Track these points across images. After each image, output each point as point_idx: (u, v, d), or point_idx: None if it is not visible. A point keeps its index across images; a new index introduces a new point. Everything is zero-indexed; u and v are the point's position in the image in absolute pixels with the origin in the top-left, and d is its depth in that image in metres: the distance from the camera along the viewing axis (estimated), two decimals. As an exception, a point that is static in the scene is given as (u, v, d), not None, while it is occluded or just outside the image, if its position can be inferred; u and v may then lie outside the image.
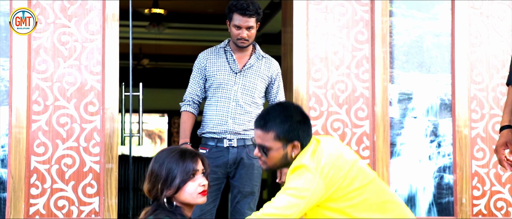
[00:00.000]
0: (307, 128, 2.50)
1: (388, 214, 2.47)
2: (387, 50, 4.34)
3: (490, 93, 4.45)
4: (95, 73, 4.03)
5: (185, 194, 2.35)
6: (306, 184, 2.37)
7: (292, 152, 2.47)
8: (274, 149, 2.46)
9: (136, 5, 4.34)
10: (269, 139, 2.45)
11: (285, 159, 2.48)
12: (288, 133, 2.44)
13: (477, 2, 4.47)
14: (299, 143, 2.47)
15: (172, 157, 2.36)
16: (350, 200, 2.43)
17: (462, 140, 4.37)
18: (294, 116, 2.46)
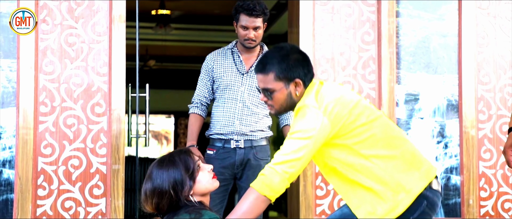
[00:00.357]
0: (307, 65, 2.51)
1: (395, 150, 2.45)
2: (394, 51, 4.33)
3: (497, 94, 4.43)
4: (102, 74, 4.04)
5: (201, 185, 2.43)
6: (311, 124, 2.37)
7: (295, 91, 2.48)
8: (277, 89, 2.47)
9: (142, 6, 4.35)
10: (270, 81, 2.47)
11: (290, 99, 2.49)
12: (287, 71, 2.46)
13: (484, 3, 4.45)
14: (301, 80, 2.48)
15: (167, 166, 2.41)
16: (357, 136, 2.42)
17: (469, 141, 4.36)
18: (291, 55, 2.48)
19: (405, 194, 2.41)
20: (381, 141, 2.45)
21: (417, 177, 2.44)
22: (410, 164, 2.45)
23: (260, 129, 3.69)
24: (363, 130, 2.43)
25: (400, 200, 2.41)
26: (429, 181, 2.45)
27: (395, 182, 2.41)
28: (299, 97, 2.49)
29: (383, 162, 2.43)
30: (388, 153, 2.44)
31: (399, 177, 2.42)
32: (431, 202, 2.45)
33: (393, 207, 2.40)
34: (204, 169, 2.46)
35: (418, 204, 2.42)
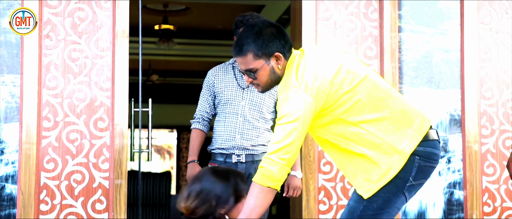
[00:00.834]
0: (282, 36, 2.50)
1: (384, 111, 2.45)
2: (396, 66, 4.33)
3: (500, 109, 4.43)
4: (105, 89, 4.05)
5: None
6: (295, 105, 2.38)
7: (277, 65, 2.48)
8: (259, 67, 2.47)
9: (146, 21, 4.37)
10: (250, 61, 2.47)
11: (274, 74, 2.50)
12: (264, 47, 2.46)
13: (486, 18, 4.46)
14: (280, 53, 2.48)
15: (221, 178, 2.46)
16: (342, 105, 2.43)
17: (472, 155, 4.35)
18: (264, 30, 2.47)
19: (398, 156, 2.40)
20: (368, 105, 2.44)
21: (409, 135, 2.42)
22: (401, 123, 2.44)
23: (261, 143, 3.69)
24: (348, 98, 2.43)
25: (394, 162, 2.40)
26: (423, 136, 2.44)
27: (387, 145, 2.41)
28: (282, 70, 2.50)
29: (373, 126, 2.42)
30: (377, 115, 2.43)
31: (390, 139, 2.41)
32: (425, 154, 2.43)
33: (387, 170, 2.41)
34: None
35: (411, 163, 2.41)
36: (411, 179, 2.41)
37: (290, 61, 2.51)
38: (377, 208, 2.42)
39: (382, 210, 2.43)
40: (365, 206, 2.43)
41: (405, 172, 2.40)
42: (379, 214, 2.43)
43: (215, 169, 2.53)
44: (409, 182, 2.41)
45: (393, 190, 2.42)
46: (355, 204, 2.47)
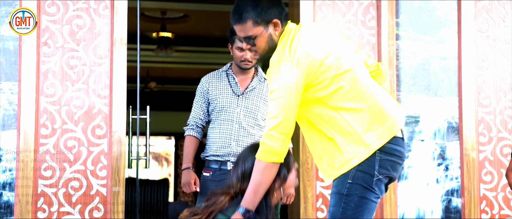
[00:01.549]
0: (279, 3, 2.56)
1: (363, 103, 2.51)
2: (394, 73, 4.34)
3: (497, 116, 4.44)
4: (103, 96, 4.05)
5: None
6: (287, 79, 2.43)
7: (275, 31, 2.53)
8: (258, 34, 2.53)
9: (144, 28, 4.38)
10: (250, 28, 2.52)
11: (272, 40, 2.55)
12: (264, 14, 2.52)
13: (484, 26, 4.48)
14: (278, 20, 2.53)
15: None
16: (325, 89, 2.49)
17: (470, 163, 4.35)
18: (267, 4, 2.53)
19: (364, 148, 2.48)
20: (349, 93, 2.51)
21: (380, 132, 2.50)
22: (375, 119, 2.51)
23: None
24: (330, 82, 2.49)
25: (358, 153, 2.48)
26: (391, 137, 2.51)
27: (357, 136, 2.48)
28: (278, 37, 2.55)
29: (349, 115, 2.50)
30: (356, 106, 2.51)
31: (361, 131, 2.49)
32: (386, 149, 2.50)
33: (349, 160, 2.49)
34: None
35: (373, 157, 2.48)
36: (376, 174, 2.49)
37: (285, 32, 2.57)
38: (355, 207, 2.49)
39: (360, 207, 2.50)
40: (343, 207, 2.50)
41: (369, 166, 2.48)
42: (359, 212, 2.50)
43: None
44: (375, 177, 2.49)
45: (363, 186, 2.49)
46: (335, 208, 2.53)
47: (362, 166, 2.48)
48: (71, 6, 4.07)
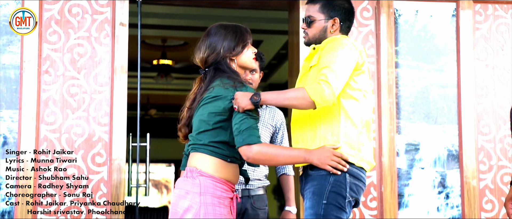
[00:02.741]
0: (349, 13, 2.79)
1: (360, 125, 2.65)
2: (394, 101, 4.35)
3: (497, 144, 4.44)
4: (103, 124, 4.06)
5: (244, 58, 2.72)
6: (352, 54, 2.62)
7: (331, 28, 2.75)
8: (317, 20, 2.76)
9: (144, 56, 4.40)
10: (315, 11, 2.77)
11: (324, 32, 2.76)
12: (330, 8, 2.75)
13: (482, 54, 4.50)
14: (340, 20, 2.75)
15: (231, 28, 2.72)
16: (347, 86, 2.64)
17: (471, 191, 4.34)
18: (341, 4, 2.77)
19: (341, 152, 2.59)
20: (360, 113, 2.65)
21: (355, 153, 2.62)
22: (358, 142, 2.64)
23: (257, 178, 3.67)
24: (353, 88, 2.64)
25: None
26: (359, 165, 2.62)
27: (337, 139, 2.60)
28: (332, 35, 2.75)
29: (345, 120, 2.62)
30: (354, 118, 2.63)
31: (343, 140, 2.60)
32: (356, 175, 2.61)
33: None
34: (250, 48, 2.73)
35: (343, 180, 2.58)
36: (348, 195, 2.60)
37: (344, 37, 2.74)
38: None
39: None
40: None
41: (341, 188, 2.58)
42: None
43: (222, 24, 2.75)
44: (347, 198, 2.60)
45: (338, 206, 2.58)
46: None
47: (334, 187, 2.57)
48: (72, 35, 4.09)
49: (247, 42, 2.73)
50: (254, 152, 2.52)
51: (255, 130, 2.54)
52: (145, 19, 6.12)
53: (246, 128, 2.53)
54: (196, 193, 2.55)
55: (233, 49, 2.70)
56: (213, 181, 2.57)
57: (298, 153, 2.59)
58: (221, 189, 2.58)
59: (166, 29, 7.43)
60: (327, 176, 2.59)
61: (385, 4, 4.39)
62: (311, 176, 2.64)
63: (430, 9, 4.50)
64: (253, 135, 2.52)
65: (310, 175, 2.65)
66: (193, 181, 2.58)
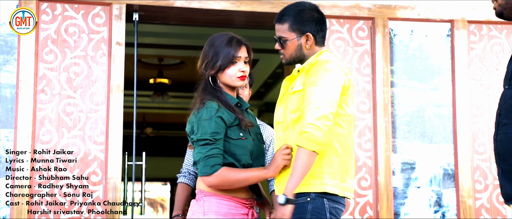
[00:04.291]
0: (320, 23, 2.68)
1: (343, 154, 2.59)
2: (389, 120, 4.36)
3: (493, 164, 4.44)
4: (99, 143, 4.05)
5: (225, 76, 2.61)
6: (336, 77, 2.55)
7: (306, 44, 2.66)
8: (289, 39, 2.66)
9: (141, 75, 4.41)
10: (285, 30, 2.67)
11: (300, 50, 2.67)
12: (300, 24, 2.65)
13: (477, 74, 4.52)
14: (312, 35, 2.66)
15: (220, 42, 2.62)
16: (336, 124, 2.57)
17: (467, 210, 4.34)
18: (308, 11, 2.67)
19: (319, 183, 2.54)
20: (343, 140, 2.60)
21: (337, 184, 2.57)
22: (340, 172, 2.58)
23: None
24: (344, 119, 2.59)
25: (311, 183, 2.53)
26: (342, 195, 2.58)
27: (320, 170, 2.54)
28: (309, 51, 2.67)
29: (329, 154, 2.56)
30: (336, 148, 2.57)
31: (326, 171, 2.55)
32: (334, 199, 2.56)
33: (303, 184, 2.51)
34: (236, 65, 2.61)
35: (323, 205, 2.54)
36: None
37: (322, 54, 2.68)
38: None
39: None
40: None
41: (321, 214, 2.54)
42: None
43: (219, 34, 2.67)
44: None
45: None
46: None
47: (314, 214, 2.53)
48: (69, 54, 4.10)
49: (233, 57, 2.61)
50: (214, 182, 2.49)
51: (209, 159, 2.48)
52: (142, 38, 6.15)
53: (199, 159, 2.50)
54: (200, 213, 2.53)
55: (213, 65, 2.61)
56: (217, 199, 2.54)
57: (259, 173, 2.53)
58: (227, 206, 2.54)
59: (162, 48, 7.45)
60: (305, 204, 2.53)
61: (381, 23, 4.42)
62: None
63: (425, 29, 4.53)
64: (207, 165, 2.48)
65: None
66: (198, 203, 2.56)
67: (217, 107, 2.54)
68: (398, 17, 4.47)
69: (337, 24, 4.42)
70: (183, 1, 4.28)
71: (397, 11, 4.48)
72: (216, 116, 2.52)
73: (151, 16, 4.47)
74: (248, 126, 2.57)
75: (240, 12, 4.37)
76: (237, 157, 2.53)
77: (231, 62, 2.60)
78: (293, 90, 2.62)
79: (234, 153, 2.53)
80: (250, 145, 2.57)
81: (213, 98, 2.58)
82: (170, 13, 4.44)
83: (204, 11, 4.35)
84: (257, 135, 2.69)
